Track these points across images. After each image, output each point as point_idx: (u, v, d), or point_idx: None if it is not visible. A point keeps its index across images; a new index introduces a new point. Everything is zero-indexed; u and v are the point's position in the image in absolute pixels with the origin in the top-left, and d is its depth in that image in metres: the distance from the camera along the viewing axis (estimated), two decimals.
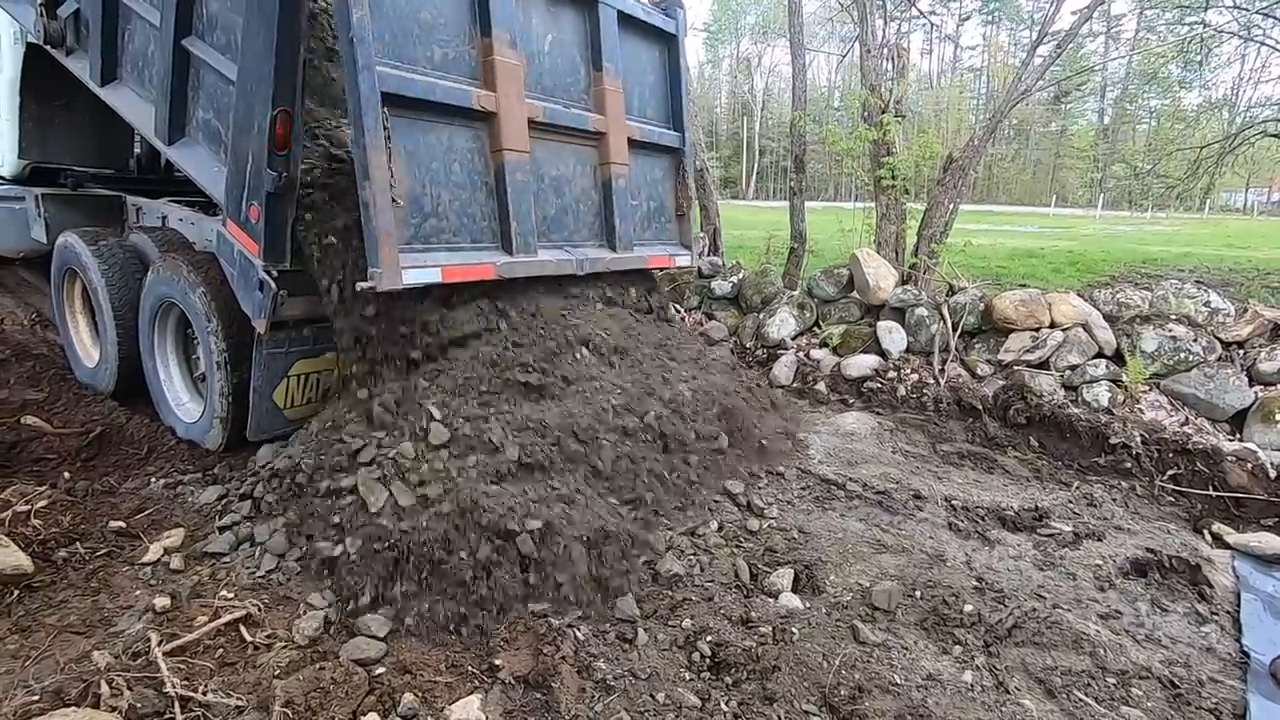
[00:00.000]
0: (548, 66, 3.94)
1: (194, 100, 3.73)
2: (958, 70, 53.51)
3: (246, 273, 3.33)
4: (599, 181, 4.33)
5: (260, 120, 3.13)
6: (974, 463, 4.94)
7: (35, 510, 3.03)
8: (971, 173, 8.25)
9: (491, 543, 2.71)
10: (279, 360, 3.61)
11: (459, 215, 3.49)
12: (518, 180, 3.67)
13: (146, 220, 4.83)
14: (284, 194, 3.21)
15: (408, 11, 3.23)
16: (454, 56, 3.44)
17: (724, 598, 3.01)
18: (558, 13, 3.98)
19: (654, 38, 4.73)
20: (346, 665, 2.33)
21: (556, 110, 3.93)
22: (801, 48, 9.35)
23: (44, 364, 5.21)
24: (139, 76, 4.11)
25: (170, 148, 3.86)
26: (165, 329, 4.21)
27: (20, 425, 4.03)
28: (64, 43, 4.49)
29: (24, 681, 2.14)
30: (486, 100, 3.52)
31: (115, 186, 5.50)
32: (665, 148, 4.91)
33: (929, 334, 6.14)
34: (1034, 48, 8.19)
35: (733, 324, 7.07)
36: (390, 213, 3.07)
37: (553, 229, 4.02)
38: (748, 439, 4.23)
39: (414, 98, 3.23)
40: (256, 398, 3.61)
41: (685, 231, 5.09)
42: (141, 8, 3.90)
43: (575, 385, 3.55)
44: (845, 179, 44.74)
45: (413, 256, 3.22)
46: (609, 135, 4.24)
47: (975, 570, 3.45)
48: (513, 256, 3.66)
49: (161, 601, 2.58)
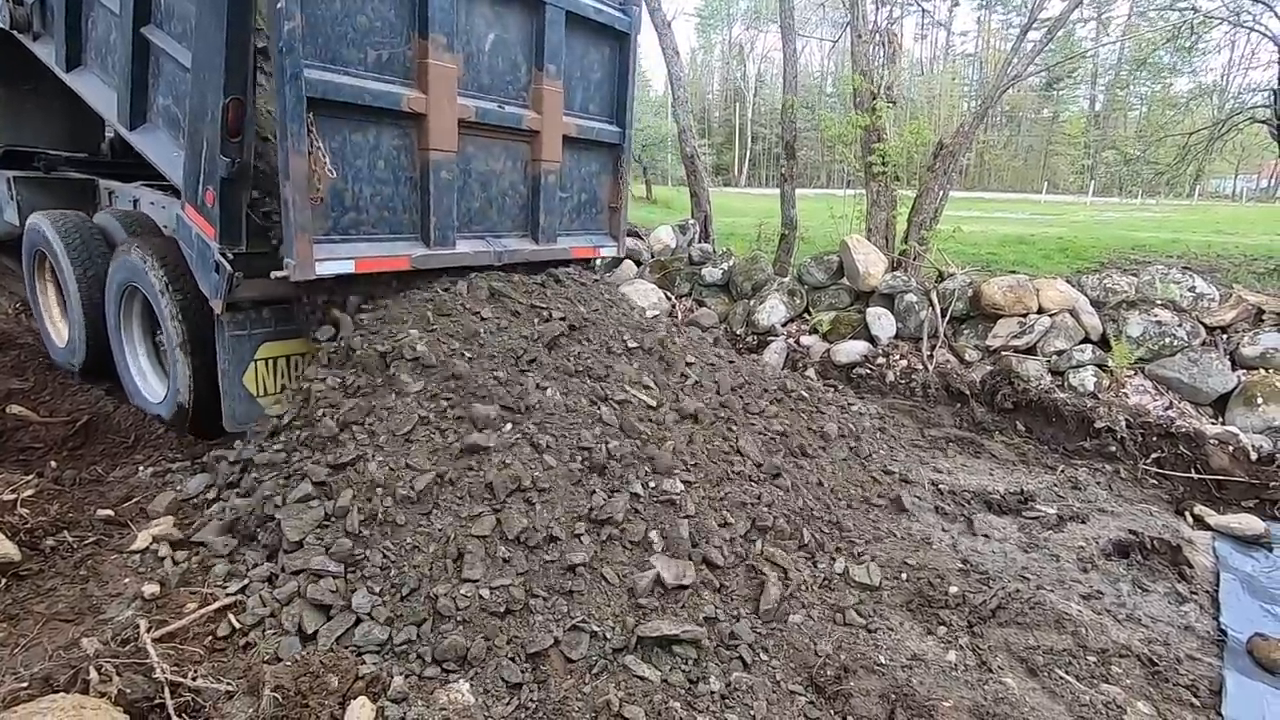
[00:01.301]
0: (487, 65, 4.00)
1: (154, 87, 3.79)
2: (950, 56, 53.36)
3: (204, 255, 3.43)
4: (528, 176, 4.42)
5: (213, 108, 3.20)
6: (961, 447, 5.00)
7: (22, 499, 3.01)
8: (962, 159, 8.27)
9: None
10: (243, 343, 3.63)
11: (380, 209, 3.62)
12: (442, 177, 3.78)
13: (119, 203, 4.86)
14: (238, 179, 3.30)
15: (344, 16, 3.31)
16: (389, 58, 3.51)
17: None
18: (503, 12, 4.01)
19: (606, 34, 4.75)
20: (336, 650, 2.34)
21: (489, 110, 4.01)
22: (793, 33, 9.31)
23: (29, 353, 5.17)
24: (102, 63, 4.16)
25: (132, 133, 3.92)
26: (131, 310, 4.26)
27: (6, 414, 4.00)
28: (30, 28, 4.53)
29: (13, 669, 2.14)
30: (417, 103, 3.61)
31: (89, 170, 5.54)
32: (605, 144, 4.95)
33: (918, 320, 6.17)
34: (1024, 33, 8.19)
35: (723, 311, 7.08)
36: (307, 210, 3.23)
37: (475, 221, 4.14)
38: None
39: (342, 101, 3.33)
40: (226, 382, 3.63)
41: (616, 223, 5.17)
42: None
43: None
44: (837, 166, 44.64)
45: (328, 248, 3.37)
46: (543, 134, 4.32)
47: (961, 553, 3.50)
48: (430, 249, 3.79)
49: (150, 589, 2.58)
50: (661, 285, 7.39)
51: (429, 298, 3.77)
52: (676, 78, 9.79)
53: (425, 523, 2.75)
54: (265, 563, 2.69)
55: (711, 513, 3.18)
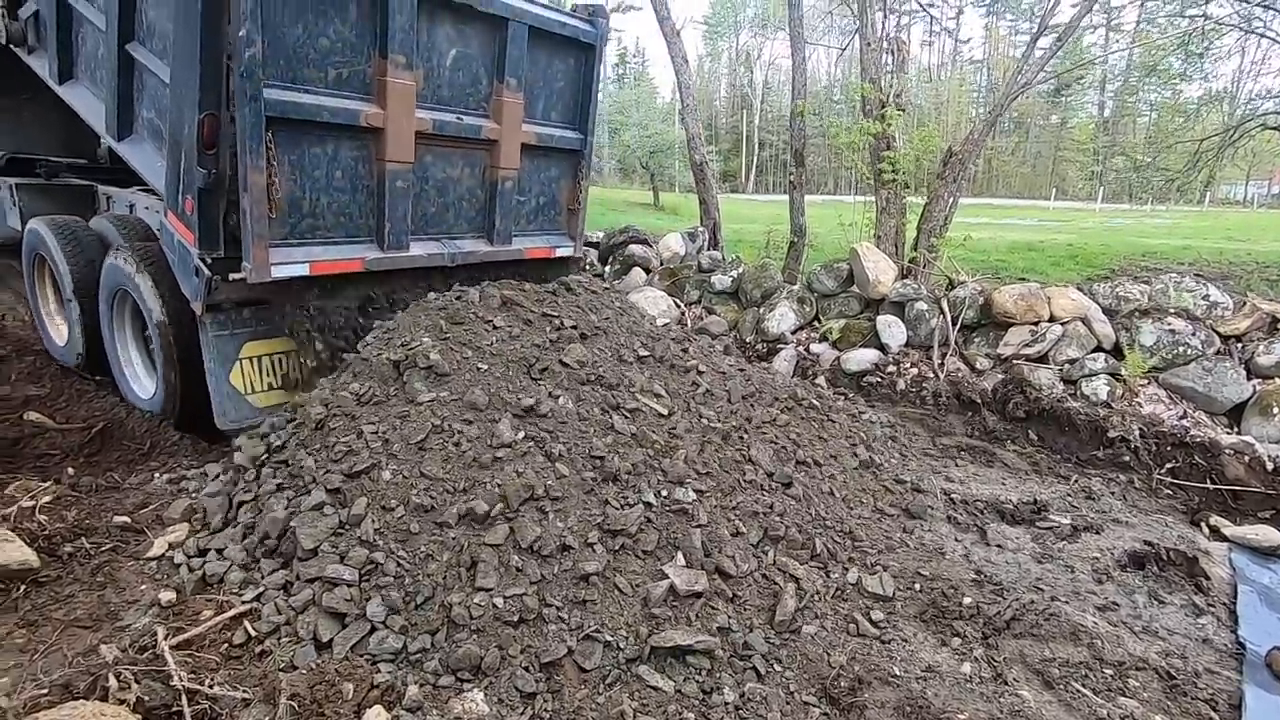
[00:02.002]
0: (448, 79, 4.12)
1: (139, 100, 3.94)
2: (958, 63, 53.34)
3: (185, 259, 3.58)
4: (486, 183, 4.53)
5: (190, 122, 3.34)
6: (973, 456, 4.97)
7: (41, 505, 3.04)
8: (971, 166, 8.26)
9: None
10: (226, 342, 3.75)
11: (336, 215, 3.77)
12: (398, 186, 3.92)
13: (116, 208, 5.02)
14: (214, 189, 3.44)
15: (307, 40, 3.44)
16: (349, 75, 3.65)
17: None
18: (466, 29, 4.13)
19: (571, 46, 4.85)
20: (351, 659, 2.35)
21: (448, 122, 4.14)
22: (801, 41, 9.34)
23: (45, 359, 5.22)
24: (92, 76, 4.31)
25: (120, 143, 4.07)
26: (123, 311, 4.41)
27: (23, 421, 4.04)
28: (25, 42, 4.71)
29: (33, 675, 2.16)
30: (375, 118, 3.73)
31: (88, 176, 5.75)
32: (565, 150, 5.05)
33: (928, 328, 6.15)
34: (1034, 40, 8.18)
35: (732, 318, 7.08)
36: (264, 220, 3.40)
37: (431, 224, 4.27)
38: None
39: (301, 119, 3.47)
40: (213, 382, 3.74)
41: (574, 224, 5.28)
42: (90, 12, 4.09)
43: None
44: (845, 173, 44.60)
45: (284, 252, 3.52)
46: (501, 143, 4.44)
47: (974, 563, 3.48)
48: (384, 252, 3.94)
49: (167, 596, 2.60)
50: (670, 293, 7.40)
51: (442, 306, 3.80)
52: (686, 86, 9.83)
53: (439, 531, 2.75)
54: (280, 570, 2.70)
55: (724, 522, 3.17)
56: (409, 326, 3.63)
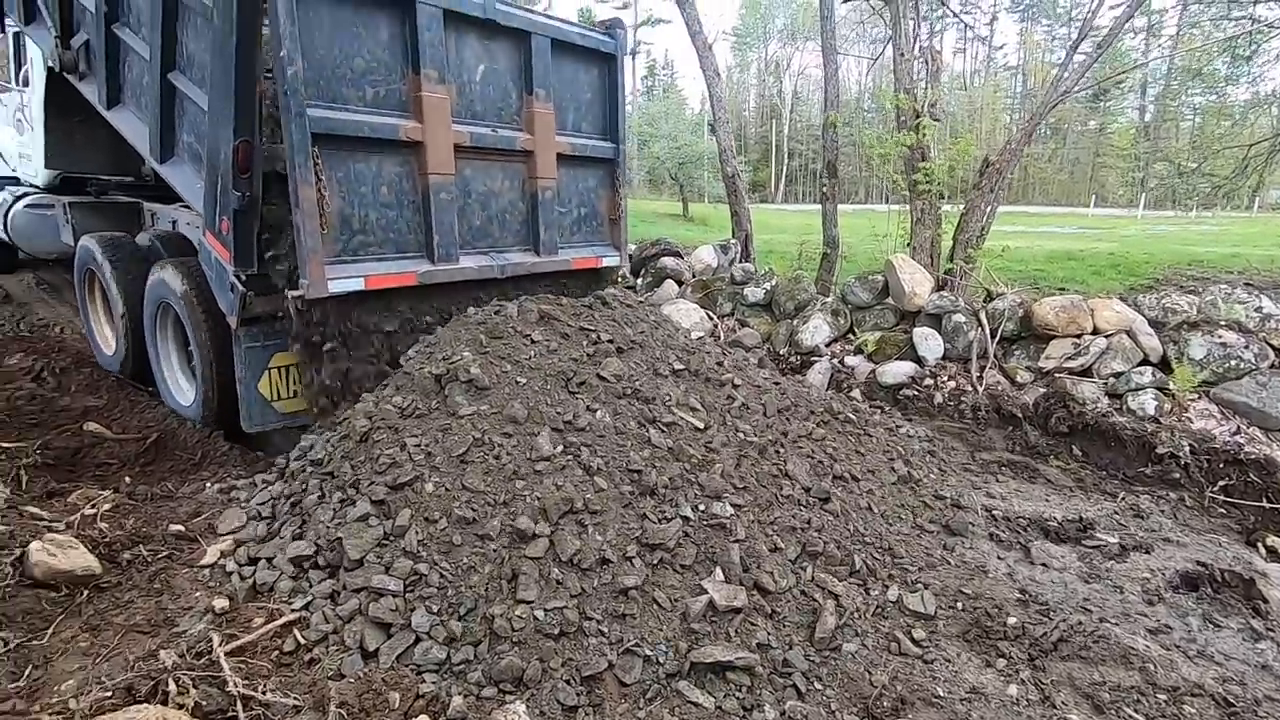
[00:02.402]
0: (479, 94, 4.28)
1: (180, 125, 4.16)
2: (992, 69, 52.59)
3: (221, 276, 3.81)
4: (526, 194, 4.64)
5: (226, 148, 3.53)
6: (1015, 472, 4.87)
7: (101, 513, 3.16)
8: (1008, 175, 8.13)
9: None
10: (257, 354, 3.98)
11: (385, 230, 3.89)
12: (442, 199, 4.03)
13: (160, 224, 5.31)
14: (248, 210, 3.63)
15: (343, 60, 3.61)
16: (385, 94, 3.80)
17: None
18: (491, 45, 4.28)
19: (592, 58, 4.99)
20: (397, 668, 2.40)
21: (484, 134, 4.29)
22: (834, 51, 9.32)
23: (101, 371, 5.44)
24: (137, 102, 4.53)
25: (162, 165, 4.29)
26: (165, 322, 4.67)
27: (83, 431, 4.21)
28: (77, 69, 4.95)
29: (97, 678, 2.24)
30: (413, 132, 3.88)
31: (134, 193, 6.10)
32: (599, 159, 5.17)
33: (966, 340, 6.06)
34: (1074, 47, 8.05)
35: (765, 331, 7.06)
36: (318, 235, 3.50)
37: (478, 238, 4.37)
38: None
39: (344, 135, 3.62)
40: (243, 389, 3.98)
41: (617, 234, 5.36)
42: (135, 43, 4.32)
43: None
44: (876, 182, 44.22)
45: (339, 268, 3.64)
46: (537, 153, 4.57)
47: (1018, 582, 3.41)
48: (435, 265, 4.04)
49: (220, 603, 2.68)
50: (703, 305, 7.41)
51: (481, 321, 3.87)
52: (718, 98, 9.87)
53: (480, 543, 2.80)
54: (327, 580, 2.76)
55: (762, 537, 3.17)
56: (450, 341, 3.70)
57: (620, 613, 2.66)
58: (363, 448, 3.26)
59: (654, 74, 58.51)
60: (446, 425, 3.22)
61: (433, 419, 3.29)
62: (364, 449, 3.24)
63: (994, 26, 50.80)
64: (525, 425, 3.26)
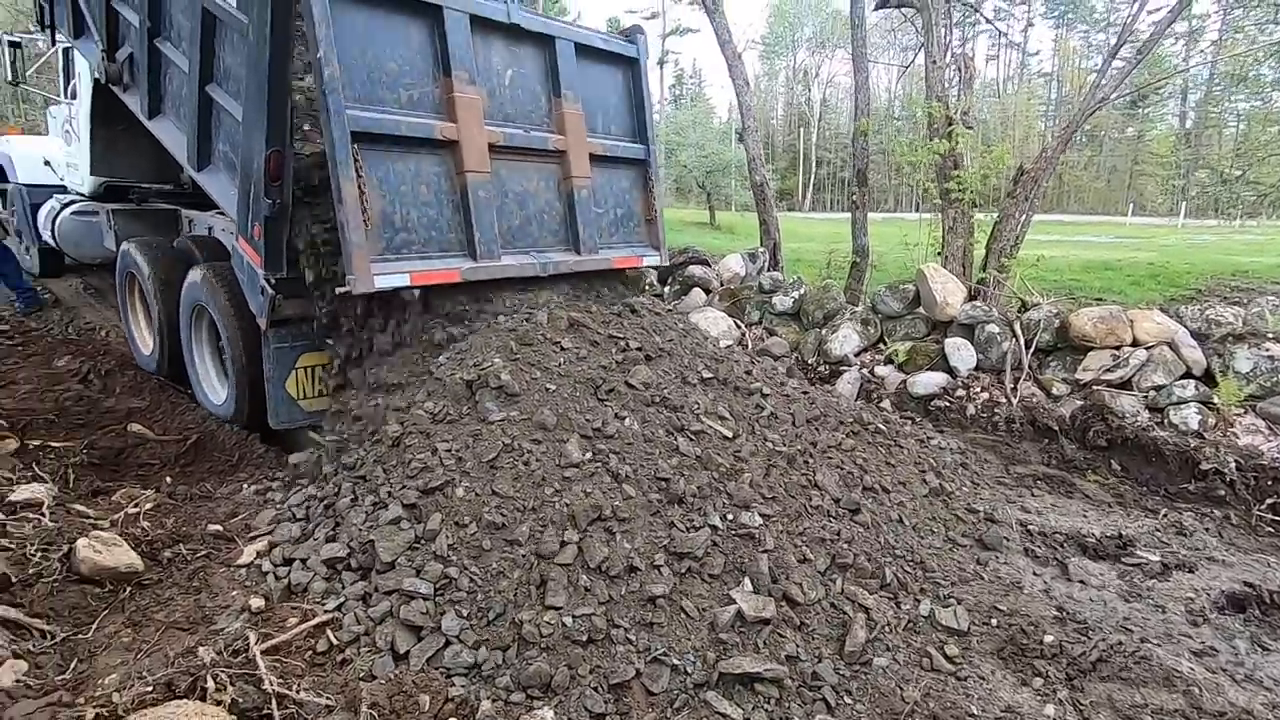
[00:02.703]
0: (509, 97, 4.38)
1: (216, 135, 4.34)
2: (1025, 76, 51.78)
3: (252, 279, 3.96)
4: (562, 194, 4.70)
5: (258, 157, 3.67)
6: (1051, 486, 4.76)
7: (143, 512, 3.26)
8: (1044, 183, 7.98)
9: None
10: (285, 354, 4.19)
11: (427, 229, 3.96)
12: (480, 196, 4.10)
13: (197, 230, 5.52)
14: (279, 216, 3.78)
15: (376, 63, 3.72)
16: (419, 96, 3.90)
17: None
18: (517, 50, 4.41)
19: (616, 62, 5.08)
20: (427, 671, 2.42)
21: (516, 134, 4.36)
22: (864, 60, 9.27)
23: (144, 374, 5.60)
24: (177, 112, 4.72)
25: (199, 173, 4.47)
26: (200, 324, 4.90)
27: (127, 432, 4.34)
28: (121, 81, 5.18)
29: (138, 672, 2.30)
30: (448, 130, 3.95)
31: (173, 201, 6.37)
32: (631, 160, 5.24)
33: (1000, 351, 5.95)
34: (1113, 53, 7.89)
35: (794, 340, 7.01)
36: (362, 231, 3.55)
37: (518, 237, 4.43)
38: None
39: (382, 134, 3.70)
40: (270, 388, 4.19)
41: (654, 234, 5.40)
42: (176, 57, 4.50)
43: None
44: (906, 190, 43.74)
45: (384, 265, 3.70)
46: (569, 153, 4.63)
47: (1055, 599, 3.33)
48: (477, 262, 4.08)
49: (256, 602, 2.73)
50: (731, 314, 7.39)
51: (512, 328, 3.90)
52: (747, 108, 9.87)
53: (509, 549, 2.82)
54: (360, 582, 2.80)
55: (790, 548, 3.14)
56: (481, 347, 3.74)
57: (648, 621, 2.65)
58: (395, 452, 3.30)
59: (682, 83, 58.70)
60: (477, 431, 3.26)
61: (464, 424, 3.33)
62: (396, 453, 3.29)
63: (1028, 33, 50.04)
64: (554, 432, 3.28)
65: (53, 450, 3.99)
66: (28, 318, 7.29)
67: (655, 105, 5.41)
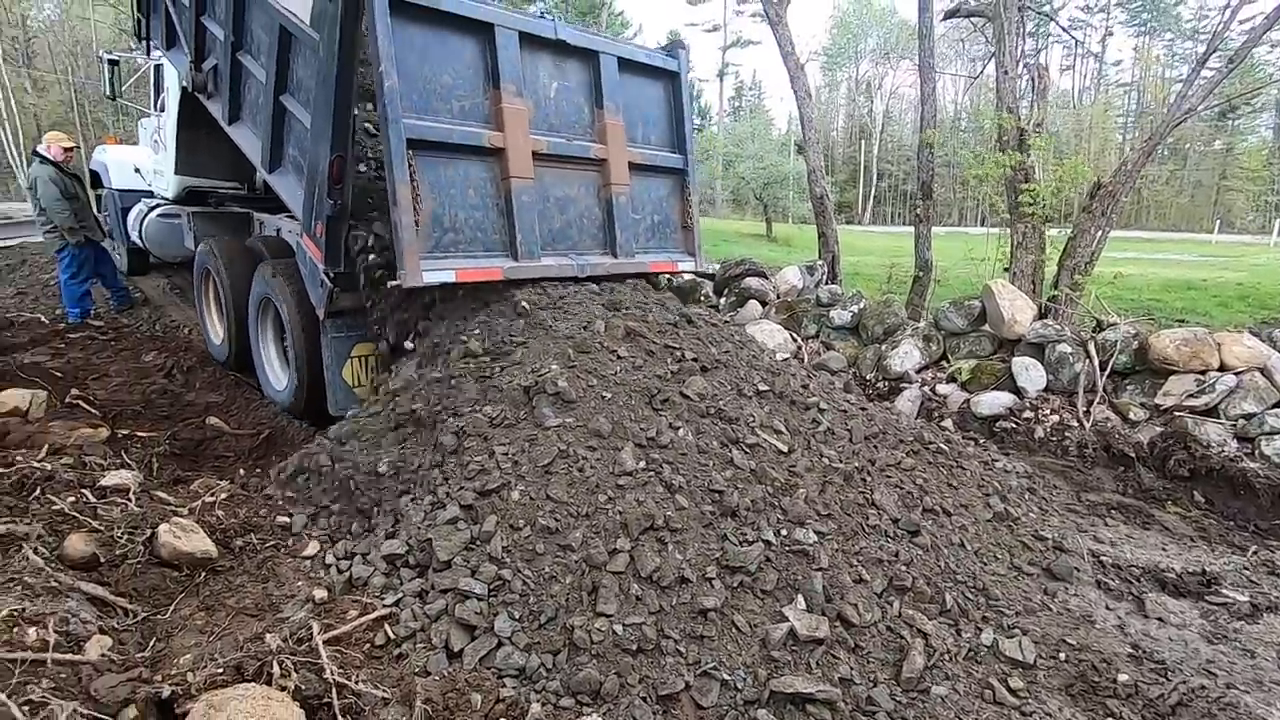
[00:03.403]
0: (554, 108, 4.64)
1: (287, 140, 4.64)
2: (1103, 86, 49.62)
3: (314, 274, 4.29)
4: (602, 200, 4.93)
5: (323, 161, 3.96)
6: (1126, 516, 4.51)
7: (218, 502, 3.42)
8: (1122, 198, 7.62)
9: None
10: (341, 343, 4.50)
11: (473, 230, 4.23)
12: (523, 200, 4.36)
13: (267, 231, 5.91)
14: (339, 216, 4.06)
15: (432, 77, 4.03)
16: (470, 107, 4.20)
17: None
18: (563, 64, 4.67)
19: (657, 76, 5.30)
20: (479, 670, 2.46)
21: (560, 143, 4.61)
22: (932, 71, 9.07)
23: (222, 370, 5.91)
24: (253, 119, 5.07)
25: (270, 175, 4.81)
26: (266, 317, 5.28)
27: (206, 425, 4.58)
28: (206, 89, 5.62)
29: (211, 655, 2.41)
30: (496, 139, 4.24)
31: (246, 204, 6.89)
32: (669, 169, 5.43)
33: (1072, 373, 5.69)
34: (1201, 62, 7.50)
35: (851, 355, 6.87)
36: (414, 230, 3.84)
37: (558, 240, 4.68)
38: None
39: (435, 141, 4.00)
40: (329, 375, 4.51)
41: (690, 240, 5.59)
42: (255, 69, 4.85)
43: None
44: (970, 203, 42.38)
45: (432, 262, 3.97)
46: (609, 161, 4.86)
47: (1130, 636, 3.14)
48: (518, 262, 4.33)
49: (320, 593, 2.84)
50: (787, 326, 7.30)
51: (569, 335, 3.95)
52: (808, 119, 9.77)
53: (562, 554, 2.84)
54: (417, 579, 2.87)
55: (846, 567, 3.06)
56: (539, 354, 3.80)
57: (698, 634, 2.63)
58: (453, 454, 3.38)
59: (741, 95, 58.62)
60: (533, 436, 3.31)
61: (520, 429, 3.38)
62: (455, 455, 3.36)
63: (1106, 42, 47.98)
64: (609, 440, 3.30)
65: (139, 439, 4.25)
66: (120, 315, 7.79)
67: (714, 117, 5.59)
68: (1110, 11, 47.88)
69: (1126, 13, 48.06)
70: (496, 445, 3.29)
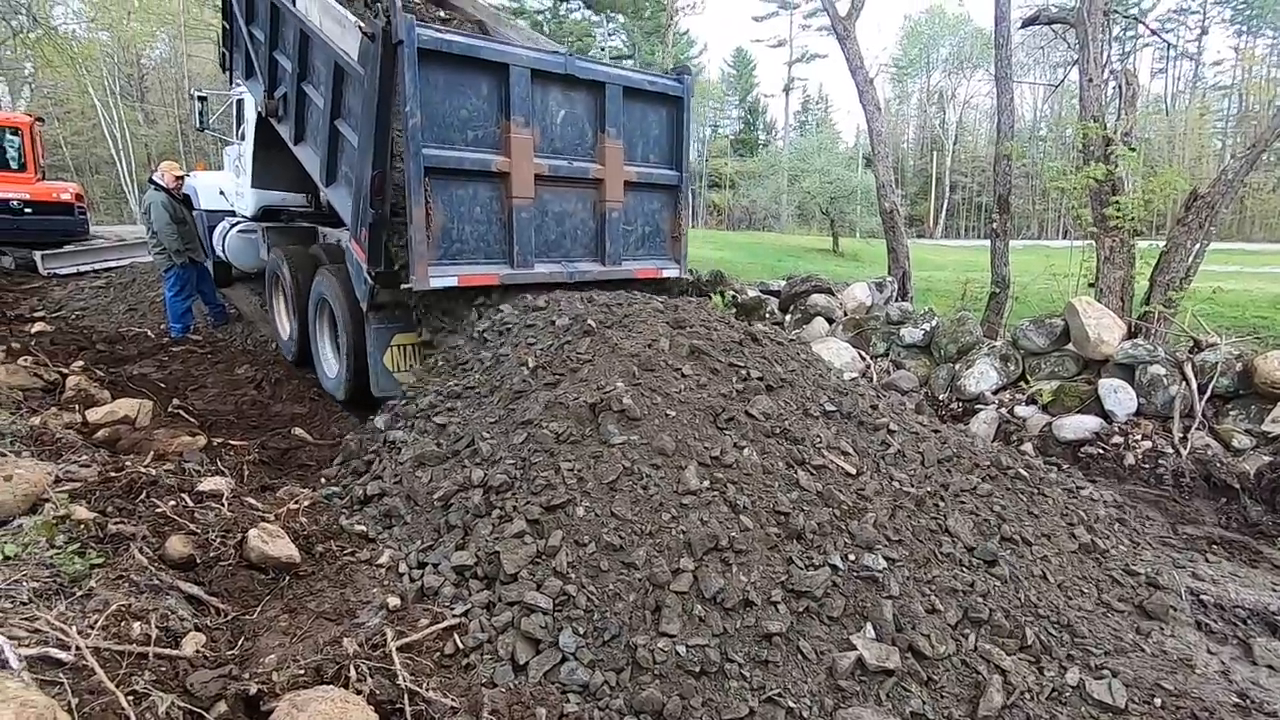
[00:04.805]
0: (559, 134, 5.20)
1: (340, 158, 5.32)
2: (1198, 89, 46.64)
3: (359, 273, 4.98)
4: (596, 214, 5.51)
5: (366, 176, 4.65)
6: (1230, 552, 4.18)
7: (301, 509, 3.60)
8: (1221, 209, 7.12)
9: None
10: (383, 333, 5.11)
11: (477, 241, 4.90)
12: (523, 217, 5.01)
13: (328, 241, 6.93)
14: (379, 224, 4.74)
15: (451, 111, 4.68)
16: (483, 135, 4.82)
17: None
18: (571, 94, 5.21)
19: (662, 100, 5.80)
20: (544, 684, 2.49)
21: (561, 165, 5.21)
22: (1009, 81, 8.76)
23: (306, 384, 6.23)
24: (314, 140, 5.79)
25: (327, 188, 5.55)
26: (322, 314, 6.09)
27: (291, 435, 4.83)
28: (277, 114, 6.42)
29: (293, 656, 2.53)
30: (503, 165, 4.88)
31: (312, 220, 7.89)
32: (664, 185, 5.97)
33: (1166, 396, 5.33)
34: None
35: (923, 374, 6.65)
36: (425, 244, 4.59)
37: (552, 249, 5.30)
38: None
39: (450, 168, 4.66)
40: (372, 362, 5.13)
41: (677, 249, 6.16)
42: (315, 96, 5.57)
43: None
44: (1050, 216, 40.47)
45: (439, 269, 4.71)
46: (606, 180, 5.43)
47: (1236, 684, 2.90)
48: (514, 269, 5.00)
49: (393, 601, 2.94)
50: (855, 344, 7.14)
51: (634, 353, 3.99)
52: (877, 133, 9.60)
53: (626, 571, 2.86)
54: (485, 590, 2.94)
55: (918, 596, 2.96)
56: (604, 371, 3.86)
57: (763, 658, 2.59)
58: (521, 469, 3.46)
59: (807, 108, 58.05)
60: (598, 453, 3.34)
61: (586, 446, 3.43)
62: (522, 470, 3.44)
63: (1202, 42, 45.13)
64: (673, 458, 3.31)
65: (232, 448, 4.52)
66: (217, 330, 8.35)
67: (780, 131, 5.95)
68: (1207, 10, 45.05)
69: (1229, 9, 45.08)
70: (562, 461, 3.34)
